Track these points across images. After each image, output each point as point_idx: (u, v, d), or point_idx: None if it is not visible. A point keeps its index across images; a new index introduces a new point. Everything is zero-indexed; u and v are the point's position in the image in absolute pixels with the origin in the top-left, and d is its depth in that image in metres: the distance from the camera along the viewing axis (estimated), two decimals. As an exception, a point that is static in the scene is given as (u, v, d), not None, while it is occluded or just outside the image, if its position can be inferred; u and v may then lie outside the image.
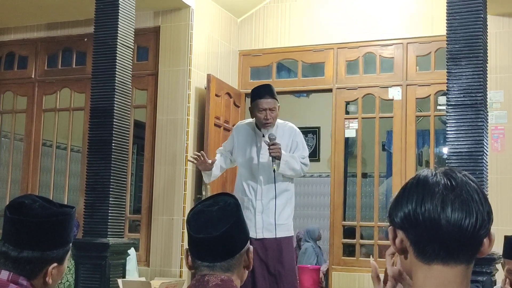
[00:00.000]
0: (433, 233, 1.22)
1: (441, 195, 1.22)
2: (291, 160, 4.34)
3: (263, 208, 4.37)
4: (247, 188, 4.43)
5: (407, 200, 1.25)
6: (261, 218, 4.36)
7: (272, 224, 4.35)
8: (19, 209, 1.85)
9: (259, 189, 4.40)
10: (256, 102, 4.37)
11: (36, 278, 1.86)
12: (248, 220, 4.29)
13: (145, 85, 6.13)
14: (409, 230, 1.25)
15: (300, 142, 4.52)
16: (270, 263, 4.30)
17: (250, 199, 4.40)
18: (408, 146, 5.99)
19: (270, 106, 4.36)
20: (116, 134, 4.60)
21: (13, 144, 6.80)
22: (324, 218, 8.85)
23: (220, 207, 1.84)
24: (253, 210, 4.37)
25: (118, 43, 4.67)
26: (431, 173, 1.27)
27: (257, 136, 4.47)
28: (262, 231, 4.35)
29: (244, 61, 6.73)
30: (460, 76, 3.99)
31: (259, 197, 4.39)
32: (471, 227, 1.21)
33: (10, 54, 6.81)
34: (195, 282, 1.81)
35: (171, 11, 5.99)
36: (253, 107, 4.41)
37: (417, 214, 1.23)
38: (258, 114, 4.37)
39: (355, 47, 6.30)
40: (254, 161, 4.45)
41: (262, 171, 4.41)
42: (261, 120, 4.36)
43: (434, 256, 1.23)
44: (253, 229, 4.32)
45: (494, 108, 5.56)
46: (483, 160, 3.92)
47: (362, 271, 5.94)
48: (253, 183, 4.42)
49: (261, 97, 4.36)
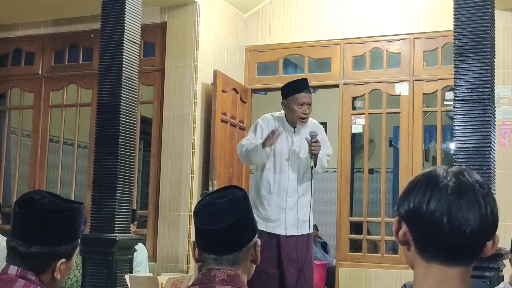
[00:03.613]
0: (435, 234, 1.22)
1: (448, 199, 1.22)
2: (322, 158, 4.36)
3: (295, 205, 4.34)
4: (274, 185, 4.35)
5: (415, 196, 1.25)
6: (292, 215, 4.33)
7: (305, 220, 4.35)
8: (28, 205, 1.86)
9: (290, 186, 4.35)
10: (295, 96, 4.33)
11: (44, 273, 1.87)
12: (276, 218, 4.30)
13: (151, 81, 6.13)
14: (412, 225, 1.26)
15: (325, 139, 4.53)
16: (299, 259, 4.30)
17: (279, 196, 4.34)
18: (415, 142, 5.98)
19: (309, 101, 4.37)
20: (123, 130, 4.61)
21: (21, 140, 6.82)
22: (330, 214, 8.85)
23: (228, 199, 1.83)
24: (283, 207, 4.33)
25: (124, 39, 4.67)
26: (443, 173, 1.26)
27: (288, 131, 4.42)
28: (294, 228, 4.33)
29: (251, 57, 6.72)
30: (468, 71, 3.98)
31: (290, 194, 4.34)
32: (474, 233, 1.21)
33: (17, 50, 6.83)
34: (202, 276, 1.81)
35: (178, 6, 5.99)
36: (289, 101, 4.35)
37: (422, 212, 1.23)
38: (297, 108, 4.32)
39: (361, 43, 6.28)
40: (284, 157, 4.38)
41: (292, 167, 4.36)
42: (299, 114, 4.32)
43: (434, 256, 1.23)
44: (282, 226, 4.31)
45: (502, 103, 5.54)
46: (490, 155, 3.91)
47: (368, 267, 5.94)
48: (283, 180, 4.35)
49: (301, 91, 4.34)
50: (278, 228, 4.31)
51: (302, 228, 4.35)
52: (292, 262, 4.29)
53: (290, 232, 4.32)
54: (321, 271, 7.17)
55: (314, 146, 4.22)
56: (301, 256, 4.30)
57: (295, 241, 4.32)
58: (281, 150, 4.38)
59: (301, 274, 4.28)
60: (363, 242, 6.18)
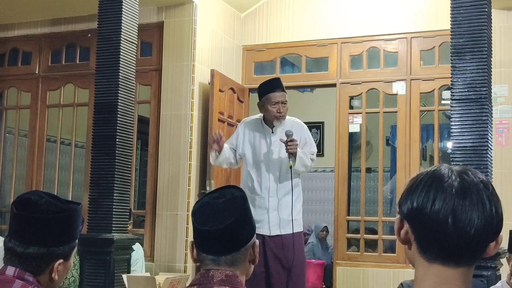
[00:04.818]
0: (438, 235, 1.21)
1: (453, 199, 1.20)
2: (304, 156, 4.36)
3: (278, 204, 4.36)
4: (257, 185, 4.39)
5: (418, 195, 1.23)
6: (275, 215, 4.35)
7: (288, 220, 4.35)
8: (25, 205, 1.86)
9: (271, 186, 4.37)
10: (268, 96, 4.36)
11: (42, 274, 1.87)
12: (260, 218, 4.30)
13: (149, 80, 6.13)
14: (414, 224, 1.25)
15: (309, 138, 4.53)
16: (285, 258, 4.31)
17: (262, 197, 4.36)
18: (412, 141, 5.98)
19: (282, 99, 4.38)
20: (120, 129, 4.61)
21: (17, 140, 6.81)
22: (328, 213, 8.85)
23: (226, 199, 1.82)
24: (265, 207, 4.35)
25: (121, 39, 4.67)
26: (447, 173, 1.24)
27: (266, 132, 4.45)
28: (277, 227, 4.34)
29: (248, 56, 6.72)
30: (465, 71, 3.98)
31: (272, 194, 4.36)
32: (478, 235, 1.20)
33: (14, 50, 6.81)
34: (200, 276, 1.80)
35: (175, 6, 5.99)
36: (263, 101, 4.38)
37: (425, 212, 1.21)
38: (271, 107, 4.35)
39: (359, 42, 6.28)
40: (264, 158, 4.41)
41: (272, 168, 4.39)
42: (274, 113, 4.35)
43: (436, 256, 1.22)
44: (266, 226, 4.33)
45: (499, 103, 5.54)
46: (487, 154, 3.91)
47: (366, 266, 5.95)
48: (264, 180, 4.38)
49: (273, 91, 4.37)
50: (262, 229, 4.33)
51: (286, 228, 4.35)
52: (279, 261, 4.31)
53: (273, 232, 4.35)
54: (318, 270, 7.18)
55: (290, 146, 4.23)
56: (288, 255, 4.30)
57: (280, 240, 4.33)
58: (260, 151, 4.41)
59: (289, 273, 4.28)
60: (361, 241, 6.18)
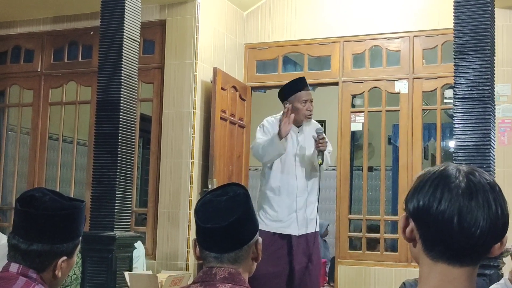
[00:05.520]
0: (443, 234, 1.21)
1: (459, 200, 1.20)
2: (328, 154, 4.40)
3: (304, 203, 4.36)
4: (284, 186, 4.35)
5: (425, 194, 1.24)
6: (301, 214, 4.35)
7: (313, 218, 4.38)
8: (29, 202, 1.86)
9: (299, 185, 4.37)
10: (298, 95, 4.38)
11: (45, 271, 1.87)
12: (286, 218, 4.30)
13: (151, 78, 6.13)
14: (420, 223, 1.25)
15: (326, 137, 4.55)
16: (308, 258, 4.32)
17: (289, 197, 4.34)
18: (414, 140, 5.98)
19: (310, 98, 4.43)
20: (122, 127, 4.61)
21: (20, 137, 6.81)
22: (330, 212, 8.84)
23: (229, 197, 1.82)
24: (293, 207, 4.33)
25: (124, 37, 4.66)
26: (455, 173, 1.24)
27: (292, 132, 4.41)
28: (304, 226, 4.35)
29: (250, 55, 6.72)
30: (468, 69, 3.98)
31: (300, 194, 4.36)
32: (483, 236, 1.20)
33: (16, 47, 6.82)
34: (202, 274, 1.81)
35: (177, 4, 5.99)
36: (292, 100, 4.36)
37: (431, 212, 1.21)
38: (301, 106, 4.36)
39: (361, 40, 6.27)
40: (292, 157, 4.39)
41: (298, 167, 4.39)
42: (304, 112, 4.38)
43: (440, 255, 1.23)
44: (294, 226, 4.32)
45: (501, 102, 5.54)
46: (490, 153, 3.91)
47: (368, 264, 5.95)
48: (291, 180, 4.36)
49: (302, 89, 4.41)
50: (289, 228, 4.32)
51: (310, 226, 4.37)
52: (307, 259, 4.32)
53: (301, 231, 4.34)
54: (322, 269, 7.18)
55: (321, 143, 4.24)
56: (309, 254, 4.33)
57: (306, 238, 4.35)
58: (288, 151, 4.37)
59: (307, 272, 4.30)
60: (363, 240, 6.18)
